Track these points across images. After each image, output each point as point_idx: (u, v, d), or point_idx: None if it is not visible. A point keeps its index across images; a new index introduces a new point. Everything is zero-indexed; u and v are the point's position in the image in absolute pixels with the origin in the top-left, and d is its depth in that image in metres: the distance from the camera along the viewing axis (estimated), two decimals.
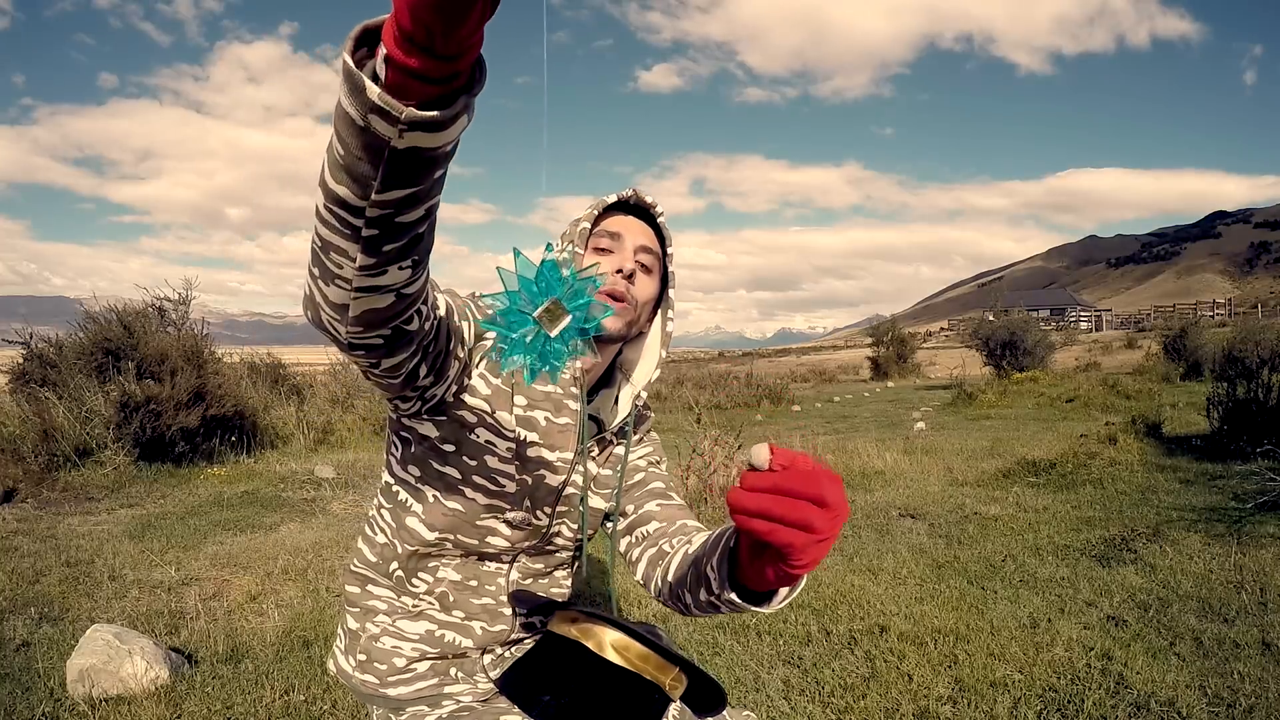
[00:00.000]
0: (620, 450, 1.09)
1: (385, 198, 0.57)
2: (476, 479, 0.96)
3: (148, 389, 5.79)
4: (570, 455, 1.01)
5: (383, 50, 0.50)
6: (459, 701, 1.06)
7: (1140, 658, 2.18)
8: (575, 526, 1.07)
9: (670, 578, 0.94)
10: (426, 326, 0.77)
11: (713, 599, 0.80)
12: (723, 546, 0.78)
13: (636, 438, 1.12)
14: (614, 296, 0.95)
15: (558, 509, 1.04)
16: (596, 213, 0.98)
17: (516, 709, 0.99)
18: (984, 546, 3.45)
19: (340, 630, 1.11)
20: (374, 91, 0.50)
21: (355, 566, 1.08)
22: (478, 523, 0.99)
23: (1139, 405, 8.69)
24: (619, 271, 0.95)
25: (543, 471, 0.99)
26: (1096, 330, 43.97)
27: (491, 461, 0.96)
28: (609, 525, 1.11)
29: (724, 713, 1.05)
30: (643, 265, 0.98)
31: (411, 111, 0.50)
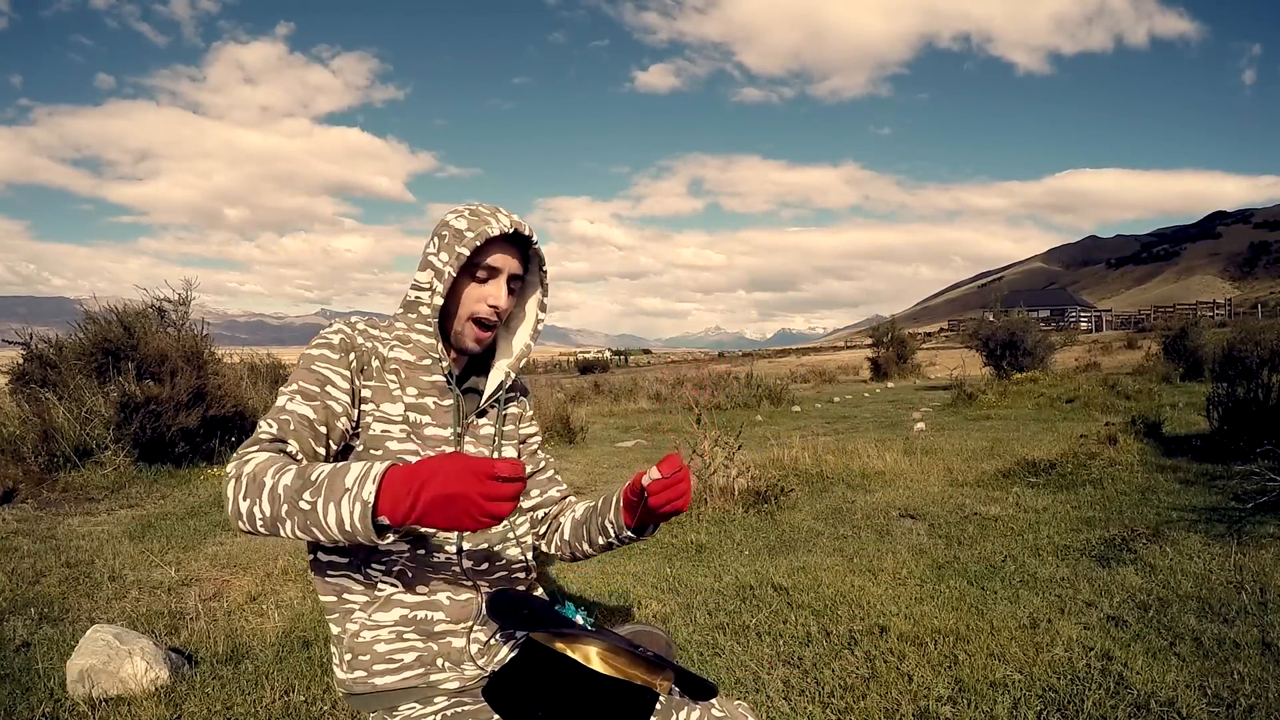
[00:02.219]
0: (508, 411, 1.29)
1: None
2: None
3: (148, 389, 5.79)
4: (459, 428, 1.20)
5: (401, 526, 0.87)
6: (449, 697, 1.09)
7: (1140, 658, 2.18)
8: None
9: (567, 536, 1.29)
10: (335, 446, 1.09)
11: (610, 540, 1.22)
12: (614, 508, 1.19)
13: (513, 394, 1.31)
14: (483, 326, 1.17)
15: None
16: (479, 243, 1.12)
17: None
18: (984, 547, 3.45)
19: (332, 645, 1.16)
20: (389, 540, 0.89)
21: (327, 575, 1.13)
22: None
23: (1139, 405, 8.70)
24: (494, 306, 1.15)
25: (443, 447, 1.18)
26: (1096, 330, 43.91)
27: (392, 445, 1.12)
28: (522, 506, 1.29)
29: (714, 700, 1.09)
30: (510, 290, 1.18)
31: (391, 537, 0.89)
